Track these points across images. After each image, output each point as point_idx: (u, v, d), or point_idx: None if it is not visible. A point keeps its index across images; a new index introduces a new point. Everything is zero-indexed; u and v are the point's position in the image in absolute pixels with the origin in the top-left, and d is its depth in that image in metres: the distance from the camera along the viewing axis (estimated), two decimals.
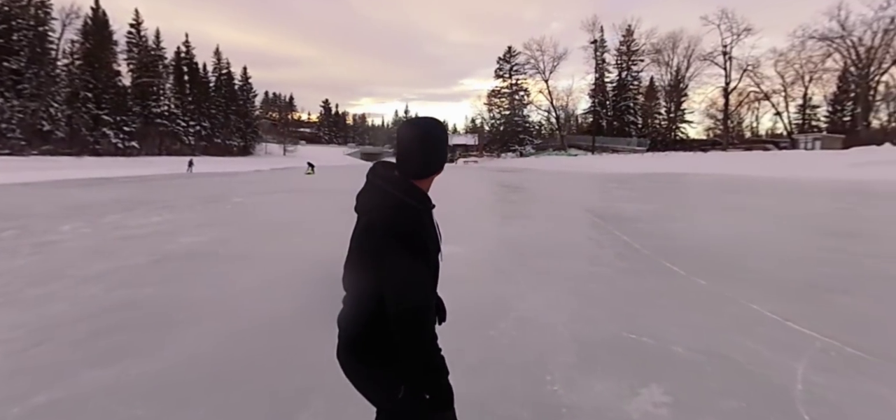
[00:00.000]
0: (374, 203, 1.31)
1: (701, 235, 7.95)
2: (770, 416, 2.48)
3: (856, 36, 46.73)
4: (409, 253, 1.20)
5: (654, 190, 17.63)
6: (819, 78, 52.79)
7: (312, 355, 3.19)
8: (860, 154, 25.77)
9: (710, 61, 54.26)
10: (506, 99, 63.61)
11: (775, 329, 3.64)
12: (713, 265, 5.75)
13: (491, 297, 4.65)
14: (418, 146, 1.31)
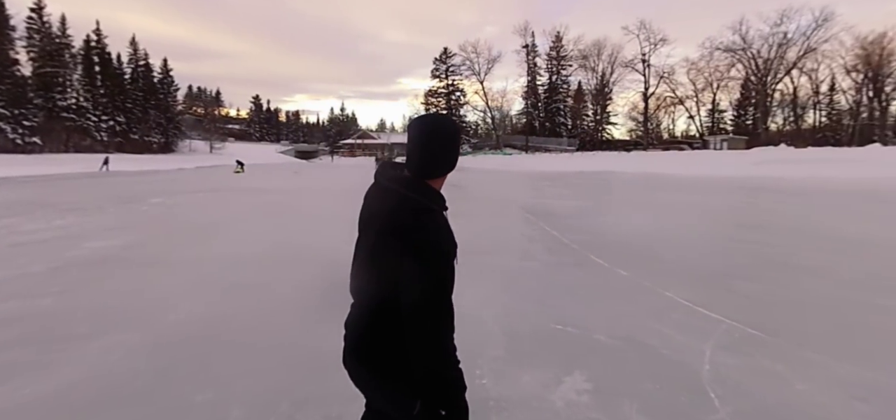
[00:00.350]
0: (389, 206, 1.21)
1: (624, 229, 8.42)
2: (681, 395, 2.64)
3: (755, 48, 52.20)
4: (431, 259, 1.13)
5: (582, 187, 18.49)
6: (725, 85, 58.35)
7: (229, 366, 2.98)
8: (760, 154, 28.67)
9: (631, 68, 58.42)
10: (443, 99, 64.21)
11: (687, 314, 3.91)
12: (634, 256, 6.10)
13: None
14: (433, 143, 1.24)
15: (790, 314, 3.94)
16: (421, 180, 1.23)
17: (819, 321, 3.77)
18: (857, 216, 9.76)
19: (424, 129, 1.24)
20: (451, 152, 1.26)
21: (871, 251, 6.29)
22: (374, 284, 1.21)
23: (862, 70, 49.55)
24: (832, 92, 54.15)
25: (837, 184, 16.57)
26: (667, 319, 3.79)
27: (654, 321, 3.75)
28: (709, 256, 6.20)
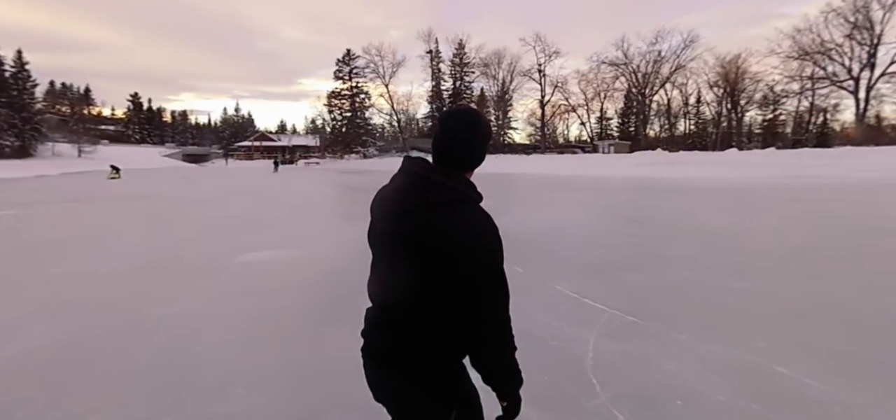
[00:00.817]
0: (442, 196, 1.15)
1: (523, 226, 8.81)
2: (568, 383, 2.75)
3: (635, 64, 58.40)
4: (495, 255, 1.14)
5: (485, 188, 18.98)
6: (611, 95, 64.47)
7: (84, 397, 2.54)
8: (641, 157, 31.99)
9: (529, 77, 62.10)
10: (347, 101, 62.75)
11: (574, 306, 4.14)
12: (531, 252, 6.38)
13: (326, 300, 4.39)
14: (474, 136, 1.23)
15: (663, 300, 4.34)
16: (462, 174, 1.23)
17: (686, 305, 4.19)
18: (719, 210, 11.21)
19: (466, 122, 1.24)
20: (487, 146, 1.28)
21: (728, 240, 7.22)
22: (419, 279, 1.14)
23: (722, 85, 57.73)
24: (699, 104, 62.48)
25: (704, 182, 19.00)
26: (557, 312, 3.97)
27: (546, 314, 3.91)
28: (596, 250, 6.69)
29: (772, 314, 3.87)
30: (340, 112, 63.43)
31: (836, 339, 3.32)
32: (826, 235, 7.49)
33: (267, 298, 4.60)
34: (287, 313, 4.13)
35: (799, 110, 54.23)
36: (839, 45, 46.18)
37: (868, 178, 18.34)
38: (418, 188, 1.18)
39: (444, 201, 1.15)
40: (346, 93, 62.45)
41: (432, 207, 1.14)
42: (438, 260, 1.11)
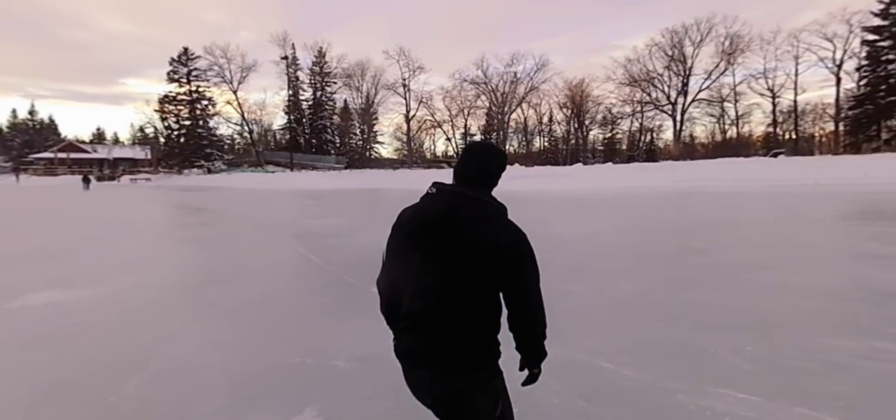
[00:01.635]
0: (478, 212, 1.42)
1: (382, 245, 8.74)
2: (409, 408, 2.71)
3: (494, 83, 63.23)
4: (534, 258, 1.45)
5: (348, 205, 18.76)
6: (474, 112, 68.77)
7: None
8: None
9: (394, 91, 63.05)
10: (185, 107, 56.16)
11: None
12: None
13: (124, 349, 3.73)
14: (494, 163, 1.52)
15: None
16: (489, 192, 1.50)
17: None
18: (566, 219, 12.54)
19: (493, 153, 1.54)
20: (502, 173, 1.57)
21: (573, 246, 8.06)
22: (475, 283, 1.39)
23: (569, 107, 65.54)
24: (551, 122, 70.09)
25: (555, 194, 21.17)
26: None
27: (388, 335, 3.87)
28: None
29: (602, 313, 4.37)
30: (177, 120, 56.53)
31: (651, 330, 3.86)
32: (650, 238, 8.83)
33: (46, 350, 3.77)
34: (67, 370, 3.43)
35: (632, 130, 64.32)
36: (660, 75, 56.09)
37: (684, 187, 22.33)
38: (458, 204, 1.43)
39: (482, 215, 1.43)
40: (185, 98, 55.91)
41: (475, 221, 1.41)
42: (485, 265, 1.38)
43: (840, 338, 3.55)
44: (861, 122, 39.10)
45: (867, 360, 3.14)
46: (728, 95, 56.07)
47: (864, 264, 6.04)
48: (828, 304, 4.48)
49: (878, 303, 4.46)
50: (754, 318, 4.09)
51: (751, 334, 3.66)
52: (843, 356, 3.20)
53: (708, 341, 3.55)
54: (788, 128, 54.21)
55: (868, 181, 18.24)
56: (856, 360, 3.13)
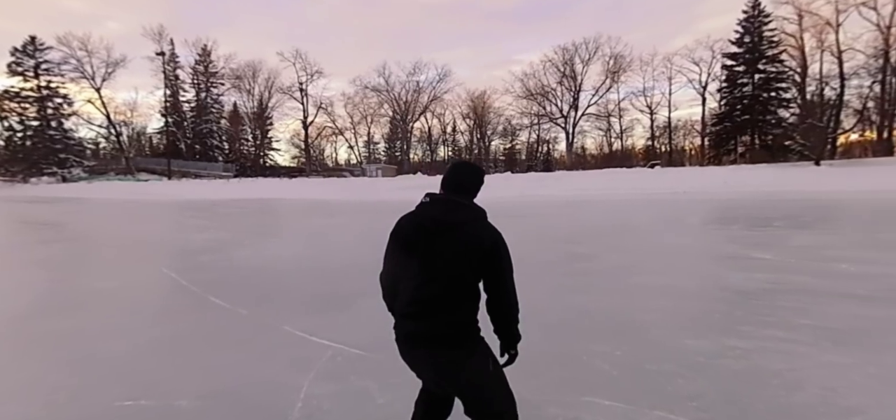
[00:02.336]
0: (464, 215, 1.83)
1: (260, 260, 8.14)
2: None
3: (397, 91, 63.24)
4: (509, 254, 1.85)
5: (233, 217, 17.42)
6: (377, 120, 68.20)
7: None
8: (404, 181, 34.52)
9: (290, 96, 60.35)
10: (32, 105, 48.41)
11: (298, 347, 3.85)
12: (264, 289, 5.86)
13: None
14: (476, 179, 1.93)
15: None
16: (473, 200, 1.92)
17: None
18: None
19: (475, 171, 1.98)
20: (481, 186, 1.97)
21: None
22: (466, 268, 1.77)
23: (472, 117, 67.57)
24: (454, 132, 71.71)
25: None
26: (275, 358, 3.62)
27: (260, 363, 3.51)
28: (341, 278, 6.57)
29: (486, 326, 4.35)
30: (21, 120, 48.70)
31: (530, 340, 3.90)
32: (542, 245, 9.20)
33: None
34: None
35: (530, 141, 67.94)
36: (553, 89, 60.05)
37: (576, 195, 23.92)
38: (450, 210, 1.80)
39: (469, 218, 1.81)
40: (32, 94, 48.27)
41: (464, 223, 1.79)
42: (473, 259, 1.75)
43: (699, 338, 3.86)
44: (721, 137, 45.00)
45: (720, 359, 3.42)
46: (613, 111, 61.71)
47: (722, 265, 6.77)
48: (690, 304, 4.90)
49: (732, 302, 4.97)
50: (626, 321, 4.33)
51: (622, 338, 3.85)
52: (700, 356, 3.45)
53: (583, 348, 3.66)
54: (664, 141, 60.80)
55: (727, 189, 20.92)
56: (711, 360, 3.39)
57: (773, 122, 41.53)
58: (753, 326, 4.08)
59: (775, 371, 3.18)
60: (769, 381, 3.05)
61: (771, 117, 41.80)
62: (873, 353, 3.45)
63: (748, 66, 42.56)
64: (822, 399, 2.79)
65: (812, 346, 3.62)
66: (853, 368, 3.19)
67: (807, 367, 3.25)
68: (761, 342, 3.71)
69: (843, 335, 3.81)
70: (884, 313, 4.40)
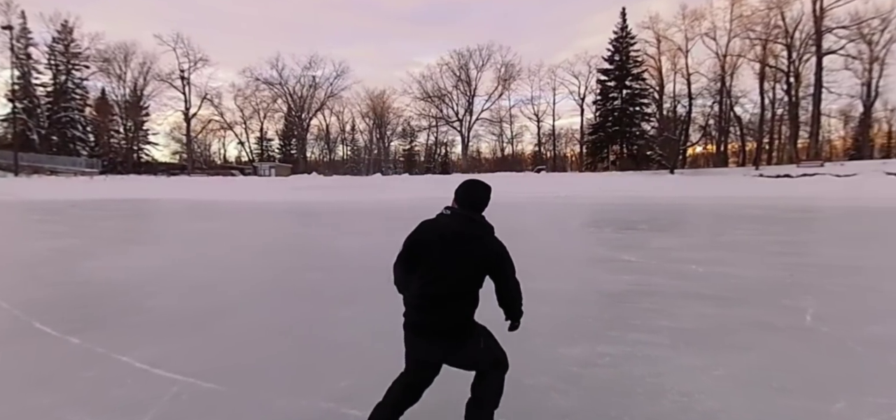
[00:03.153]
0: (477, 230, 2.19)
1: (116, 272, 6.96)
2: None
3: (291, 85, 59.85)
4: (510, 258, 2.25)
5: (91, 221, 15.09)
6: (272, 116, 64.04)
7: None
8: (298, 181, 32.75)
9: (169, 83, 54.26)
10: None
11: (134, 384, 3.17)
12: (108, 310, 4.96)
13: None
14: (485, 197, 2.26)
15: (264, 347, 3.91)
16: (481, 214, 2.25)
17: (290, 349, 3.88)
18: (355, 232, 12.17)
19: (485, 188, 2.29)
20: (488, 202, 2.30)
21: (357, 259, 7.66)
22: (472, 271, 2.17)
23: (371, 117, 66.32)
24: (353, 131, 69.90)
25: (354, 205, 20.77)
26: (100, 400, 2.93)
27: (78, 408, 2.81)
28: (207, 294, 5.77)
29: (365, 344, 3.99)
30: None
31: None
32: None
33: None
34: None
35: (428, 143, 68.49)
36: (449, 93, 61.12)
37: None
38: (466, 224, 2.18)
39: (480, 233, 2.20)
40: None
41: (478, 237, 2.19)
42: (482, 266, 2.19)
43: (573, 345, 3.85)
44: (596, 145, 49.12)
45: (592, 367, 3.41)
46: (505, 117, 64.33)
47: (595, 268, 7.09)
48: (566, 309, 4.94)
49: (603, 305, 5.14)
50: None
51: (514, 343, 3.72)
52: (574, 366, 3.42)
53: None
54: (549, 148, 64.86)
55: (601, 194, 22.69)
56: (583, 369, 3.37)
57: (638, 134, 46.31)
58: (621, 331, 4.20)
59: (639, 378, 3.22)
60: (634, 389, 3.08)
61: (636, 129, 46.54)
62: (720, 353, 3.67)
63: (618, 82, 46.93)
64: (680, 406, 2.85)
65: (670, 349, 3.77)
66: (704, 371, 3.35)
67: (666, 371, 3.34)
68: (628, 347, 3.80)
69: (696, 336, 4.05)
70: (726, 312, 4.80)
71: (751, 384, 3.15)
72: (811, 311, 4.70)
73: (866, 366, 3.42)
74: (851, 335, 4.03)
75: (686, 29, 47.85)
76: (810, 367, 3.41)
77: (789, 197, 21.50)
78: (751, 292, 5.53)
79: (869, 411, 2.75)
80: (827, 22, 41.58)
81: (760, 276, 6.40)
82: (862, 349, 3.72)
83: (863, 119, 46.13)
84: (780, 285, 5.95)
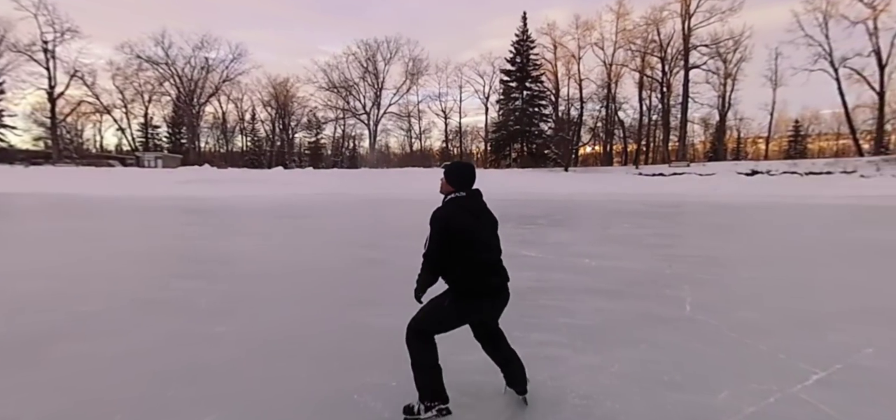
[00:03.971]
0: (485, 202, 2.64)
1: None
2: None
3: (180, 66, 54.08)
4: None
5: None
6: (158, 100, 57.47)
7: None
8: (187, 173, 29.65)
9: (29, 56, 46.24)
10: None
11: None
12: None
13: None
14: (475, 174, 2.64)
15: (109, 377, 3.18)
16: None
17: (125, 382, 3.20)
18: (242, 230, 11.10)
19: (473, 166, 2.71)
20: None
21: (240, 264, 6.86)
22: (497, 236, 2.65)
23: (274, 106, 62.31)
24: (254, 120, 65.15)
25: (250, 201, 19.16)
26: None
27: None
28: (50, 311, 4.73)
29: (241, 358, 3.43)
30: None
31: (300, 374, 3.16)
32: (332, 250, 8.44)
33: None
34: None
35: (335, 136, 66.11)
36: (356, 84, 59.41)
37: (378, 194, 23.78)
38: (479, 198, 2.60)
39: (485, 203, 2.64)
40: None
41: (486, 205, 2.63)
42: (496, 228, 2.66)
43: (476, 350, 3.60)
44: (500, 143, 50.73)
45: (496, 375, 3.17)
46: (413, 112, 64.18)
47: None
48: None
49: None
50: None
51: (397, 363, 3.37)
52: (476, 374, 3.17)
53: (356, 381, 3.07)
54: (456, 144, 65.90)
55: (503, 191, 23.30)
56: (486, 377, 3.13)
57: (537, 134, 48.57)
58: (523, 330, 4.06)
59: (541, 382, 3.06)
60: (537, 395, 2.90)
61: (535, 129, 48.77)
62: (615, 349, 3.66)
63: (519, 83, 48.82)
64: (581, 412, 2.72)
65: (568, 347, 3.70)
66: (602, 370, 3.29)
67: (566, 372, 3.23)
68: (529, 348, 3.63)
69: (593, 333, 4.03)
70: (619, 305, 4.90)
71: (645, 380, 3.13)
72: (689, 301, 4.97)
73: (741, 353, 3.59)
74: (725, 322, 4.27)
75: (579, 37, 51.33)
76: (694, 358, 3.50)
77: (663, 193, 23.83)
78: (638, 284, 5.76)
79: (749, 400, 2.83)
80: (693, 40, 46.90)
81: (645, 268, 6.75)
82: (735, 336, 3.92)
83: (719, 126, 52.68)
84: (661, 276, 6.29)
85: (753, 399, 2.85)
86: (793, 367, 3.28)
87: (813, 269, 6.85)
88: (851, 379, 3.10)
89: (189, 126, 57.36)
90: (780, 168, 33.56)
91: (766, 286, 5.80)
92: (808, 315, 4.54)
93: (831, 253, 8.28)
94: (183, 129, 59.44)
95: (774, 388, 2.97)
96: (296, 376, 3.17)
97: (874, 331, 4.00)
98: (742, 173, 32.20)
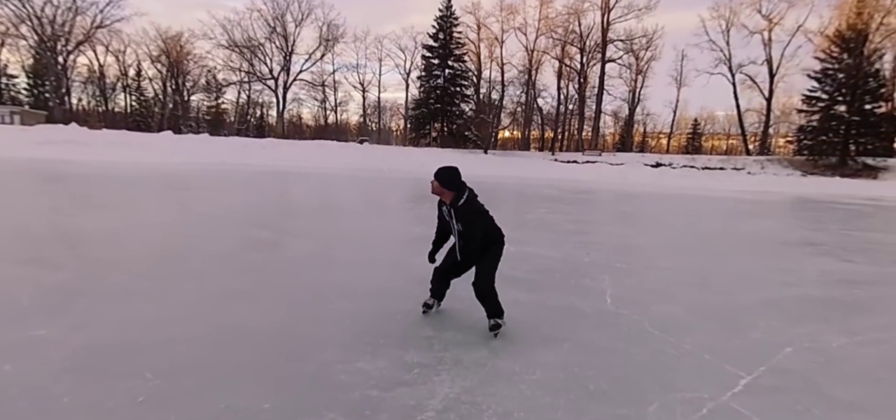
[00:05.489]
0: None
1: None
2: None
3: (38, 5, 46.19)
4: None
5: None
6: (14, 45, 49.10)
7: None
8: (47, 132, 25.53)
9: None
10: None
11: None
12: None
13: None
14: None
15: None
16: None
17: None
18: (117, 206, 9.57)
19: (459, 170, 3.64)
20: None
21: (95, 251, 5.71)
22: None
23: (164, 63, 56.09)
24: (139, 77, 58.16)
25: (126, 169, 16.84)
26: None
27: None
28: None
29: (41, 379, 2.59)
30: None
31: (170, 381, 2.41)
32: (218, 229, 7.41)
33: None
34: None
35: (240, 102, 61.27)
36: (262, 45, 55.25)
37: (284, 166, 22.13)
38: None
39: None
40: None
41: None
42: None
43: (376, 356, 3.09)
44: (420, 121, 50.05)
45: (397, 388, 2.68)
46: (328, 82, 61.30)
47: (409, 249, 6.46)
48: (371, 307, 4.15)
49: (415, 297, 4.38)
50: (292, 344, 3.25)
51: (282, 373, 2.75)
52: (374, 388, 2.64)
53: (223, 400, 2.39)
54: (375, 120, 64.30)
55: (424, 170, 22.79)
56: (385, 392, 2.62)
57: (458, 114, 48.56)
58: (434, 329, 3.61)
59: (453, 399, 2.61)
60: (448, 416, 2.44)
61: (456, 109, 48.71)
62: (536, 351, 3.32)
63: (441, 60, 48.30)
64: None
65: (486, 350, 3.29)
66: (521, 377, 2.91)
67: (480, 385, 2.81)
68: (438, 353, 3.19)
69: (512, 332, 3.65)
70: (538, 298, 4.59)
71: (570, 390, 2.79)
72: (610, 293, 4.81)
73: (667, 353, 3.40)
74: (646, 317, 4.12)
75: (502, 20, 51.86)
76: (620, 360, 3.25)
77: (577, 179, 24.79)
78: (557, 274, 5.56)
79: (682, 411, 2.59)
80: (610, 34, 49.38)
81: (563, 256, 6.59)
82: (658, 334, 3.75)
83: (628, 119, 56.41)
84: (580, 265, 6.15)
85: (685, 410, 2.62)
86: (719, 370, 3.14)
87: (719, 259, 7.14)
88: (778, 384, 3.00)
89: (55, 78, 49.70)
90: (681, 162, 36.64)
91: (681, 277, 5.87)
92: (723, 309, 4.55)
93: (732, 243, 8.81)
94: (47, 83, 51.43)
95: (705, 395, 2.77)
96: (123, 401, 2.40)
97: (785, 328, 4.05)
98: (648, 165, 34.66)
